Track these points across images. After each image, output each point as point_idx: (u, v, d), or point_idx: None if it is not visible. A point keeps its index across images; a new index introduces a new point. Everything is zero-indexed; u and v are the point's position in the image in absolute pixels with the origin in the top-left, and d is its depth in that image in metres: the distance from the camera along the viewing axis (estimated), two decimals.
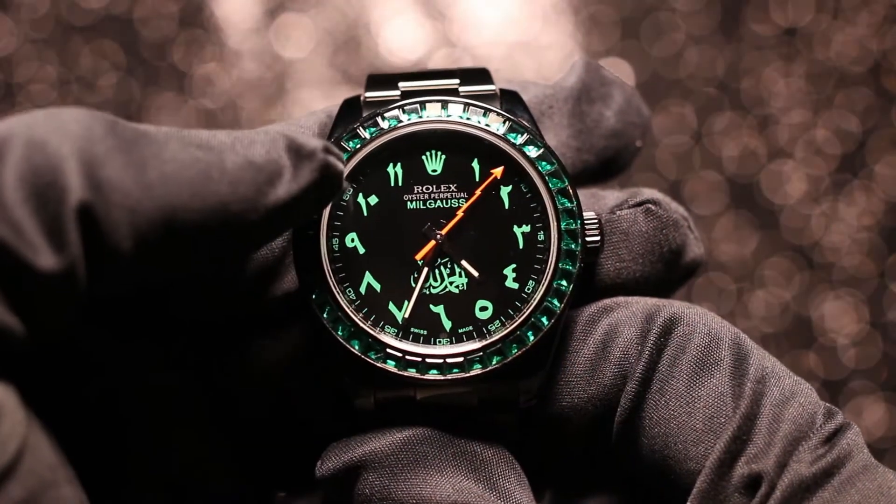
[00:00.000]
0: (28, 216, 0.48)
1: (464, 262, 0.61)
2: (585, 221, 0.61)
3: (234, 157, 0.52)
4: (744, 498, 0.54)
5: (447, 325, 0.60)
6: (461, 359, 0.59)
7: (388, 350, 0.59)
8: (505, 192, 0.61)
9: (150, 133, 0.52)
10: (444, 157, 0.62)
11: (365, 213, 0.61)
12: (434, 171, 0.62)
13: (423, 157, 0.62)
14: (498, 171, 0.61)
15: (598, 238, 0.60)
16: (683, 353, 0.58)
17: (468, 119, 0.61)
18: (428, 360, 0.59)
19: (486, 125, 0.61)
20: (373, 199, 0.61)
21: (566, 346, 0.60)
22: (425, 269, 0.61)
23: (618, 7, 1.40)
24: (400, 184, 0.61)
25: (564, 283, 0.60)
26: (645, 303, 0.60)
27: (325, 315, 0.60)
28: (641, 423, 0.58)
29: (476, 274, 0.61)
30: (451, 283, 0.61)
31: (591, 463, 0.62)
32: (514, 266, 0.61)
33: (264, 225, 0.54)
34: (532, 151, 0.61)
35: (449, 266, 0.61)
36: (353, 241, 0.61)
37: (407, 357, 0.59)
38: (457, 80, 0.64)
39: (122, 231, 0.49)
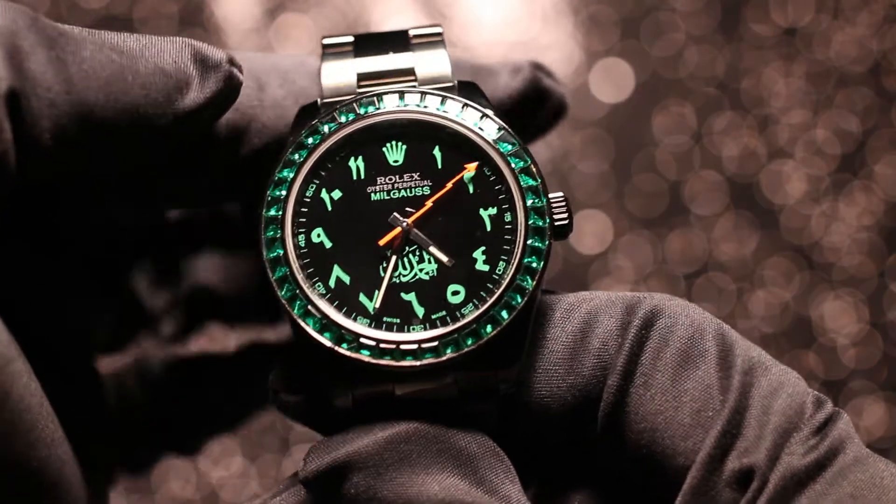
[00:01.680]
0: None
1: (432, 249, 0.61)
2: (552, 200, 0.61)
3: (146, 63, 0.56)
4: (735, 492, 0.53)
5: (420, 311, 0.60)
6: (435, 343, 0.59)
7: (362, 340, 0.59)
8: (468, 177, 0.61)
9: (68, 32, 0.55)
10: (404, 147, 0.62)
11: (329, 208, 0.61)
12: (396, 161, 0.62)
13: (384, 149, 0.62)
14: (472, 167, 0.61)
15: (566, 216, 0.61)
16: (667, 345, 0.57)
17: (425, 107, 0.62)
18: (402, 347, 0.58)
19: (444, 112, 0.62)
20: (336, 194, 0.61)
21: (544, 333, 0.60)
22: (393, 258, 0.60)
23: (618, 7, 1.40)
24: (362, 177, 0.61)
25: (535, 259, 0.60)
26: (625, 295, 0.60)
27: (295, 310, 0.59)
28: (627, 419, 0.57)
29: (445, 259, 0.61)
30: (420, 271, 0.60)
31: (577, 454, 0.62)
32: (483, 249, 0.61)
33: (172, 129, 0.57)
34: (492, 134, 0.62)
35: (417, 254, 0.61)
36: (318, 236, 0.61)
37: (381, 345, 0.59)
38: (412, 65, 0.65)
39: (43, 123, 0.52)
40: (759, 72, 1.38)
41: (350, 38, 0.66)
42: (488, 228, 0.61)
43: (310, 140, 0.61)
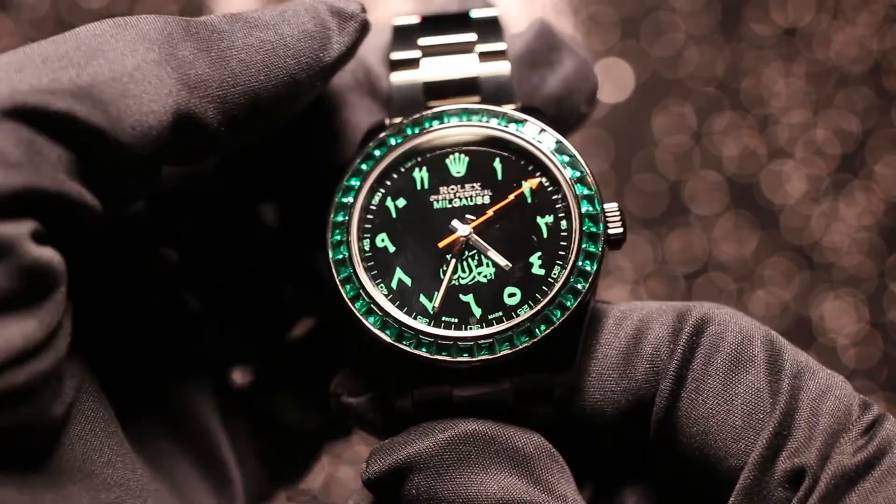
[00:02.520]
0: (124, 109, 0.53)
1: (490, 253, 0.62)
2: (607, 211, 0.63)
3: (291, 31, 0.59)
4: (787, 492, 0.54)
5: (477, 312, 0.62)
6: (490, 340, 0.60)
7: (421, 337, 0.60)
8: (527, 187, 0.64)
9: (217, 26, 0.58)
10: (467, 159, 0.65)
11: (394, 215, 0.64)
12: (458, 172, 0.64)
13: (447, 161, 0.65)
14: (534, 183, 0.63)
15: (620, 227, 0.63)
16: (717, 351, 0.59)
17: (487, 122, 0.65)
18: (459, 344, 0.60)
19: (505, 126, 0.64)
20: (401, 202, 0.64)
21: (598, 339, 0.61)
22: (453, 262, 0.62)
23: (618, 7, 1.40)
24: (426, 186, 0.64)
25: (588, 263, 0.61)
26: (675, 304, 0.62)
27: (357, 308, 0.61)
28: (679, 422, 0.58)
29: (503, 263, 0.62)
30: (479, 274, 0.62)
31: (630, 456, 0.62)
32: (539, 254, 0.63)
33: (319, 82, 0.60)
34: (550, 146, 0.64)
35: (476, 258, 0.63)
36: (382, 241, 0.63)
37: (439, 342, 0.60)
38: (475, 57, 0.68)
39: (218, 119, 0.56)
40: (759, 72, 1.38)
41: (418, 54, 0.68)
42: (545, 235, 0.63)
43: (377, 152, 0.64)
